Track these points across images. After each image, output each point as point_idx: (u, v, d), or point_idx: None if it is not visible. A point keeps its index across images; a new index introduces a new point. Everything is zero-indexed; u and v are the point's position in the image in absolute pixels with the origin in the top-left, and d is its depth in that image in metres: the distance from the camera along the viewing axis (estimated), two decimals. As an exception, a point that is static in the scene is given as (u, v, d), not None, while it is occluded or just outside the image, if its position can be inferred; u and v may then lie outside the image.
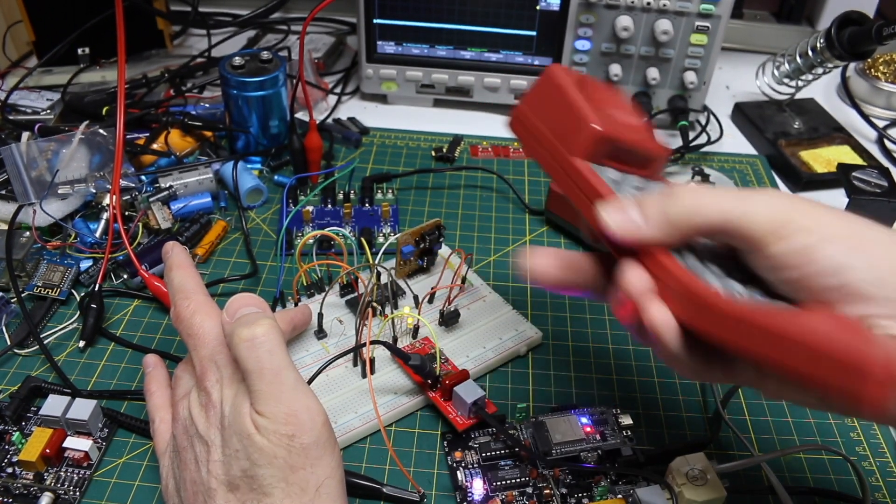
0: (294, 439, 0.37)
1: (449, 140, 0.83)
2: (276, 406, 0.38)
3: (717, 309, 0.34)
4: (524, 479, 0.48)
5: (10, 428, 0.50)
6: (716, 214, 0.36)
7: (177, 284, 0.46)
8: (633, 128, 0.44)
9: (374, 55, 0.85)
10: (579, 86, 0.43)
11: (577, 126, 0.42)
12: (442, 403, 0.51)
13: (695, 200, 0.37)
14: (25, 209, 0.63)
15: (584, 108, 0.42)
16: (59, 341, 0.57)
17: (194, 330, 0.43)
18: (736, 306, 0.34)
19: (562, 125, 0.43)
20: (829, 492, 0.49)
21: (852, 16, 0.75)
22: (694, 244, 0.40)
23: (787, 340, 0.31)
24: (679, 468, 0.45)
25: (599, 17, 0.78)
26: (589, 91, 0.44)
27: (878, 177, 0.67)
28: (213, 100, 0.85)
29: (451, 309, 0.57)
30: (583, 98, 0.42)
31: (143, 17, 0.88)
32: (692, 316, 0.35)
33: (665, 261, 0.37)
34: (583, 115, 0.42)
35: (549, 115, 0.44)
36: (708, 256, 0.39)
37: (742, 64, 0.99)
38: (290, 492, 0.37)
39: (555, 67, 0.44)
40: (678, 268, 0.36)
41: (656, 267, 0.37)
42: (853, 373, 0.28)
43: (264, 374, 0.38)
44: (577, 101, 0.42)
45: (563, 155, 0.42)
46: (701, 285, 0.35)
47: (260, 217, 0.71)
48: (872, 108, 0.91)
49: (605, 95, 0.46)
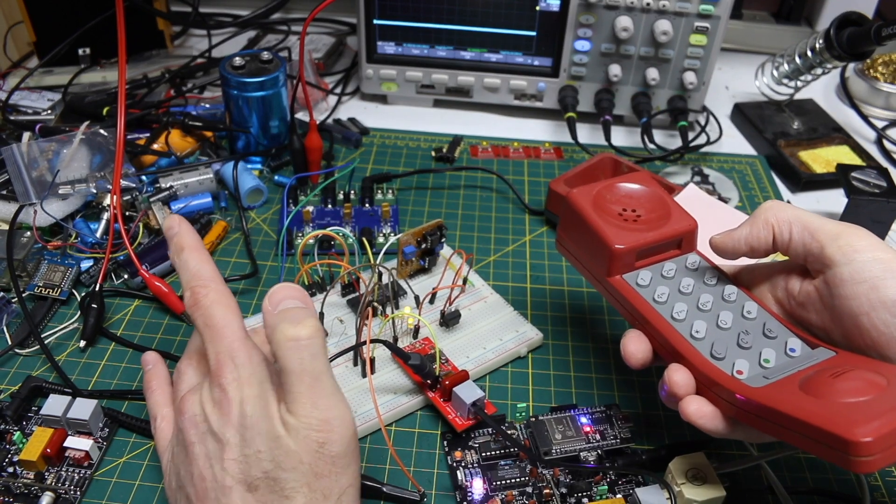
0: (324, 447, 0.37)
1: (449, 140, 0.83)
2: (311, 411, 0.37)
3: (736, 398, 0.40)
4: (524, 478, 0.48)
5: (10, 428, 0.50)
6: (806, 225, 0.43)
7: (193, 269, 0.43)
8: (655, 221, 0.48)
9: (374, 55, 0.85)
10: (596, 203, 0.48)
11: (600, 247, 0.47)
12: (441, 404, 0.51)
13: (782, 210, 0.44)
14: (26, 209, 0.63)
15: (602, 228, 0.47)
16: (60, 341, 0.58)
17: (213, 321, 0.40)
18: (752, 395, 0.39)
19: (590, 247, 0.48)
20: (828, 492, 0.49)
21: (851, 16, 0.75)
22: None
23: (794, 422, 0.37)
24: (679, 468, 0.45)
25: (599, 17, 0.78)
26: (608, 201, 0.49)
27: (877, 177, 0.67)
28: (213, 100, 0.85)
29: (452, 309, 0.58)
30: (601, 218, 0.48)
31: (144, 17, 0.88)
32: (723, 406, 0.41)
33: (695, 357, 0.43)
34: (603, 236, 0.47)
35: (580, 238, 0.49)
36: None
37: (741, 64, 0.99)
38: (313, 498, 0.37)
39: (573, 195, 0.49)
40: (705, 363, 0.42)
41: (687, 364, 0.43)
42: (843, 452, 0.35)
43: (304, 377, 0.38)
44: (595, 223, 0.47)
45: (601, 275, 0.48)
46: (724, 376, 0.41)
47: (260, 217, 0.71)
48: (871, 108, 0.91)
49: (621, 197, 0.50)
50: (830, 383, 0.38)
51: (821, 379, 0.39)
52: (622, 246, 0.46)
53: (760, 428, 0.39)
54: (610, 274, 0.47)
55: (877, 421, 0.34)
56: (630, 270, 0.47)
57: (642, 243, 0.47)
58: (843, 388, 0.37)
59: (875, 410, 0.35)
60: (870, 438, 0.33)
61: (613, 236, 0.47)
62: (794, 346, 0.43)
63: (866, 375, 0.38)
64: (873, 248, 0.41)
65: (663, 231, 0.48)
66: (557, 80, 0.84)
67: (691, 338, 0.43)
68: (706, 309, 0.45)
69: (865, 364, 0.39)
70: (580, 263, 0.50)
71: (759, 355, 0.42)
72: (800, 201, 0.77)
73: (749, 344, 0.43)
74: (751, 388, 0.40)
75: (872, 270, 0.40)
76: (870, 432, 0.34)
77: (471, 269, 0.63)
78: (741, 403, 0.39)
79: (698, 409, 0.41)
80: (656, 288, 0.46)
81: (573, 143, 0.80)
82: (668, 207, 0.49)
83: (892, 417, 0.34)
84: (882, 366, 0.39)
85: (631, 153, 0.78)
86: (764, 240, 0.45)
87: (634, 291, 0.46)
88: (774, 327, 0.44)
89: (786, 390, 0.39)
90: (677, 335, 0.44)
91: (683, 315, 0.45)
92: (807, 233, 0.43)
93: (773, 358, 0.42)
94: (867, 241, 0.41)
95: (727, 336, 0.44)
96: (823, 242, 0.42)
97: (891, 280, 0.39)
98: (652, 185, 0.50)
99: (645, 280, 0.47)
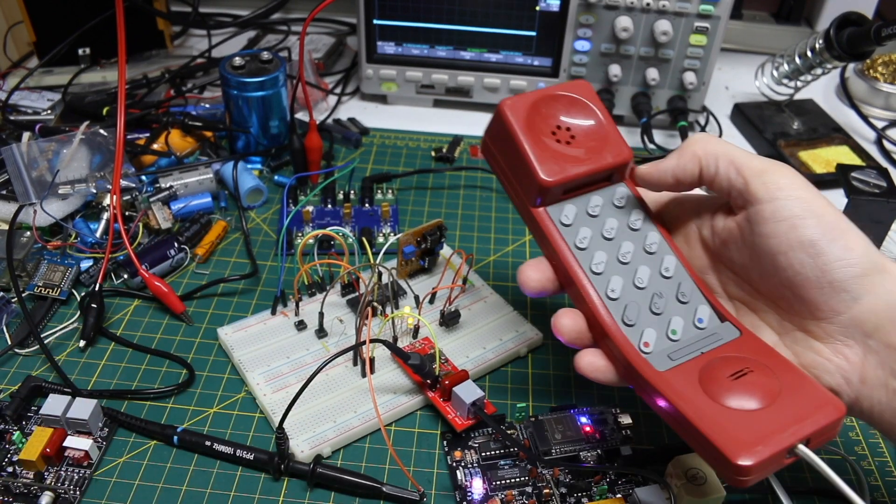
0: None
1: (449, 140, 0.83)
2: None
3: (639, 377, 0.40)
4: (524, 478, 0.48)
5: (10, 427, 0.50)
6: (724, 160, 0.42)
7: None
8: (591, 147, 0.45)
9: (374, 55, 0.85)
10: (529, 119, 0.44)
11: (527, 175, 0.44)
12: (441, 404, 0.51)
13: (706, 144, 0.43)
14: (26, 209, 0.63)
15: (531, 155, 0.44)
16: (60, 341, 0.58)
17: None
18: (654, 380, 0.39)
19: (516, 168, 0.45)
20: (828, 492, 0.49)
21: (851, 17, 0.75)
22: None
23: (685, 421, 0.37)
24: (679, 468, 0.45)
25: (599, 17, 0.78)
26: (542, 117, 0.45)
27: (877, 177, 0.67)
28: (213, 100, 0.85)
29: (452, 309, 0.58)
30: (531, 140, 0.44)
31: (144, 17, 0.88)
32: (619, 369, 0.42)
33: (607, 322, 0.42)
34: (531, 165, 0.43)
35: (506, 153, 0.46)
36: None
37: (741, 64, 0.99)
38: None
39: (504, 104, 0.45)
40: (616, 330, 0.42)
41: (597, 324, 0.43)
42: (724, 466, 0.36)
43: None
44: (524, 148, 0.44)
45: (524, 203, 0.45)
46: (632, 350, 0.41)
47: (260, 217, 0.71)
48: (871, 108, 0.91)
49: (557, 112, 0.46)
50: (728, 385, 0.38)
51: (720, 376, 0.39)
52: (551, 179, 0.43)
53: (652, 407, 0.40)
54: (534, 205, 0.45)
55: (760, 445, 0.35)
56: (556, 202, 0.45)
57: (573, 176, 0.44)
58: (738, 393, 0.38)
59: (762, 429, 0.36)
60: (751, 462, 0.35)
61: (543, 167, 0.43)
62: (703, 317, 0.43)
63: (762, 381, 0.38)
64: (796, 186, 0.40)
65: (597, 162, 0.45)
66: (557, 80, 0.84)
67: (607, 298, 0.43)
68: (625, 261, 0.44)
69: (765, 357, 0.40)
70: (504, 179, 0.47)
71: (668, 325, 0.42)
72: (800, 201, 0.77)
73: (660, 309, 0.43)
74: (655, 371, 0.40)
75: (793, 209, 0.39)
76: (753, 455, 0.35)
77: (471, 269, 0.63)
78: (642, 382, 0.40)
79: (591, 362, 0.42)
80: (579, 229, 0.45)
81: (573, 143, 0.80)
82: (605, 131, 0.46)
83: (776, 440, 0.35)
84: (779, 362, 0.39)
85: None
86: (690, 172, 0.44)
87: (556, 231, 0.44)
88: (688, 290, 0.44)
89: (686, 381, 0.39)
90: (593, 292, 0.43)
91: (602, 268, 0.44)
92: (733, 167, 0.42)
93: (681, 329, 0.42)
94: (790, 180, 0.41)
95: (641, 297, 0.43)
96: (748, 178, 0.41)
97: (810, 220, 0.39)
98: (592, 99, 0.47)
99: (569, 217, 0.45)
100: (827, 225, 0.39)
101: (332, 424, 0.50)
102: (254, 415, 0.53)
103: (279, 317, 0.58)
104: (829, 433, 0.37)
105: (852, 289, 0.38)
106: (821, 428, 0.37)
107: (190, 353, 0.57)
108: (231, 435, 0.51)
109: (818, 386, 0.38)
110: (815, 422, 0.36)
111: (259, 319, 0.58)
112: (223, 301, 0.62)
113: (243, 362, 0.54)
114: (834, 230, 0.39)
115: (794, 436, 0.36)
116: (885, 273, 0.39)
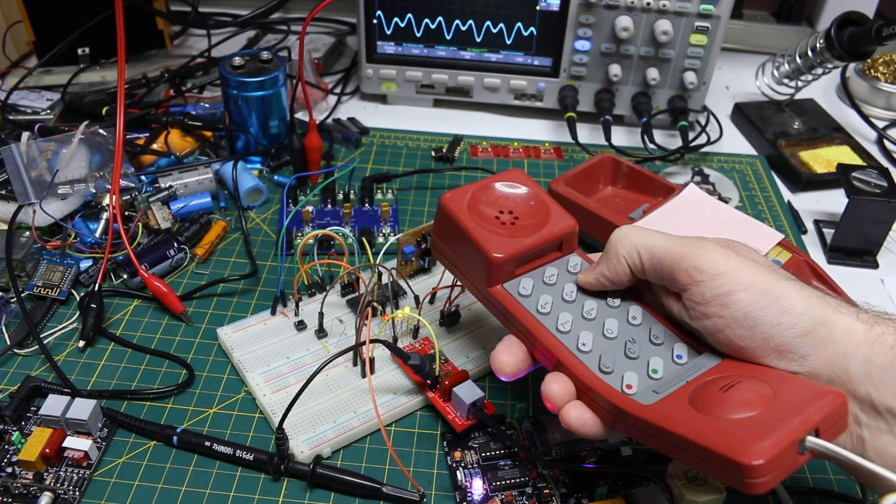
0: None
1: (449, 140, 0.83)
2: None
3: (627, 416, 0.39)
4: (524, 479, 0.48)
5: (9, 428, 0.50)
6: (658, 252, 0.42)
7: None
8: (534, 224, 0.47)
9: (374, 55, 0.85)
10: (472, 207, 0.46)
11: (479, 257, 0.45)
12: (441, 404, 0.51)
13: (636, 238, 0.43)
14: (25, 209, 0.63)
15: (479, 238, 0.45)
16: (59, 341, 0.57)
17: None
18: (644, 414, 0.38)
19: (468, 255, 0.46)
20: (828, 492, 0.49)
21: (852, 16, 0.75)
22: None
23: (687, 443, 0.36)
24: (679, 468, 0.45)
25: (599, 17, 0.78)
26: (484, 204, 0.47)
27: (877, 177, 0.67)
28: (212, 100, 0.85)
29: (452, 309, 0.57)
30: (477, 225, 0.45)
31: (143, 17, 0.88)
32: (605, 416, 0.41)
33: (583, 373, 0.41)
34: (481, 246, 0.45)
35: (456, 244, 0.47)
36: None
37: (742, 64, 0.99)
38: None
39: (445, 199, 0.47)
40: (595, 379, 0.41)
41: (575, 379, 0.42)
42: (737, 475, 0.34)
43: None
44: (472, 232, 0.45)
45: (482, 287, 0.46)
46: (615, 393, 0.40)
47: (260, 217, 0.71)
48: (872, 108, 0.91)
49: (497, 198, 0.48)
50: (720, 399, 0.38)
51: (710, 393, 0.38)
52: (501, 255, 0.44)
53: (650, 444, 0.39)
54: (490, 284, 0.45)
55: (767, 440, 0.34)
56: (511, 279, 0.46)
57: (522, 250, 0.45)
58: (732, 403, 0.37)
59: (765, 427, 0.35)
60: (762, 461, 0.33)
61: (491, 245, 0.44)
62: (681, 353, 0.43)
63: (754, 387, 0.38)
64: (717, 264, 0.40)
65: (543, 234, 0.46)
66: (557, 79, 0.84)
67: (578, 351, 0.42)
68: (591, 318, 0.44)
69: (751, 372, 0.39)
70: (458, 271, 0.48)
71: (648, 365, 0.42)
72: (800, 201, 0.77)
73: (636, 353, 0.42)
74: (642, 405, 0.39)
75: (720, 288, 0.39)
76: (762, 453, 0.33)
77: (471, 269, 0.63)
78: (632, 421, 0.39)
79: (579, 416, 0.41)
80: (539, 297, 0.45)
81: (573, 143, 0.80)
82: (547, 207, 0.47)
83: (782, 434, 0.34)
84: (766, 372, 0.39)
85: (631, 153, 0.78)
86: (622, 272, 0.44)
87: (517, 303, 0.45)
88: (660, 333, 0.44)
89: (677, 407, 0.38)
90: (564, 349, 0.42)
91: (569, 326, 0.43)
92: (654, 260, 0.42)
93: (662, 367, 0.42)
94: (710, 259, 0.40)
95: (614, 346, 0.43)
96: (670, 267, 0.41)
97: (738, 294, 0.39)
98: (528, 184, 0.49)
99: (527, 289, 0.45)
100: (757, 294, 0.39)
101: (331, 425, 0.50)
102: (253, 415, 0.53)
103: (279, 317, 0.58)
104: (838, 422, 0.36)
105: (798, 349, 0.38)
106: (826, 416, 0.35)
107: (189, 353, 0.57)
108: (231, 435, 0.51)
109: (812, 382, 0.38)
110: (818, 410, 0.35)
111: (259, 319, 0.58)
112: (223, 301, 0.62)
113: (243, 362, 0.54)
114: (765, 297, 0.38)
115: (801, 427, 0.35)
116: (829, 325, 0.38)
